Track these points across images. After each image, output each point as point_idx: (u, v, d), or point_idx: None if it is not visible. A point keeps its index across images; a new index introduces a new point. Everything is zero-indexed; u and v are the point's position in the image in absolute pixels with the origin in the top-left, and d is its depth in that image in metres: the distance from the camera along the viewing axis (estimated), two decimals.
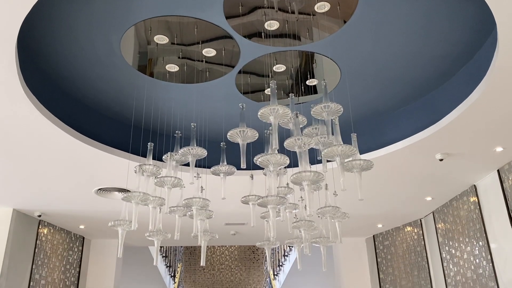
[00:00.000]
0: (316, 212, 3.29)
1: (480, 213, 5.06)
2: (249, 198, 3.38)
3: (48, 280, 6.10)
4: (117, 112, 4.34)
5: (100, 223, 6.31)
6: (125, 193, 2.87)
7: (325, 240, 3.49)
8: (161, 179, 2.95)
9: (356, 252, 7.49)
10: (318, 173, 2.49)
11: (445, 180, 5.08)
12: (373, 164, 2.65)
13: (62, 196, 5.25)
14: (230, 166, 3.22)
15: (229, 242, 8.39)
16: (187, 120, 4.42)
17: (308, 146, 2.61)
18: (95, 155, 4.20)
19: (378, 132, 4.56)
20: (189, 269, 13.51)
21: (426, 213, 6.28)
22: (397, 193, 5.46)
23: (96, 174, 4.66)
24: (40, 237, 6.03)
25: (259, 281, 13.55)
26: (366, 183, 5.01)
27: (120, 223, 3.04)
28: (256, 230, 6.82)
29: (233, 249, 13.99)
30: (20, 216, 5.68)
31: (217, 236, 3.48)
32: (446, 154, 4.41)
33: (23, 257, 5.69)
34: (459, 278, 5.45)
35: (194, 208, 3.10)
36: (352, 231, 7.15)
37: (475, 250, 5.15)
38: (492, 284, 4.83)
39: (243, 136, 2.71)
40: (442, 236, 5.87)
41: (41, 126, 3.66)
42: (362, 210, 6.04)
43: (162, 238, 3.29)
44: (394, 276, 6.79)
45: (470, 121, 3.83)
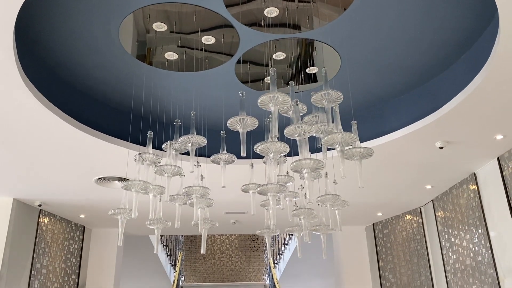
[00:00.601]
0: (316, 200, 3.29)
1: (479, 201, 5.07)
2: (249, 186, 3.38)
3: (49, 269, 6.13)
4: (116, 100, 4.32)
5: (101, 213, 6.33)
6: (125, 182, 2.87)
7: (325, 228, 3.50)
8: (161, 168, 2.95)
9: (355, 241, 7.52)
10: (318, 160, 2.49)
11: (445, 168, 5.09)
12: (373, 152, 2.65)
13: (62, 186, 5.25)
14: (230, 155, 3.22)
15: (229, 231, 8.42)
16: (186, 109, 4.40)
17: (308, 134, 2.61)
18: (94, 144, 4.20)
19: (378, 120, 4.55)
20: (190, 258, 13.58)
21: (426, 201, 6.29)
22: (396, 181, 5.46)
23: (95, 163, 4.66)
24: (41, 227, 6.05)
25: (259, 270, 13.63)
26: (366, 171, 5.01)
27: (120, 211, 3.04)
28: (256, 219, 6.84)
29: (234, 238, 14.05)
30: (20, 206, 5.69)
31: (217, 224, 3.49)
32: (446, 142, 4.40)
33: (24, 246, 5.71)
34: (458, 266, 5.48)
35: (194, 196, 3.10)
36: (352, 220, 7.17)
37: (474, 237, 5.17)
38: (491, 271, 4.85)
39: (243, 124, 2.71)
40: (442, 224, 5.89)
41: (39, 115, 3.65)
42: (361, 198, 6.06)
43: (163, 226, 3.30)
44: (393, 264, 6.83)
45: (470, 108, 3.82)
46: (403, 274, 6.63)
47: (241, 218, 7.03)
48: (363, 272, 7.34)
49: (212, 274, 13.48)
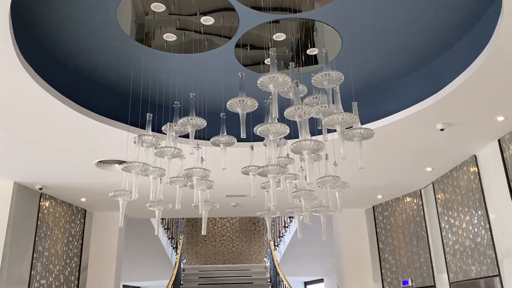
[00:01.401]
0: (316, 182, 3.28)
1: (479, 183, 5.07)
2: (249, 168, 3.38)
3: (51, 252, 6.17)
4: (115, 83, 4.30)
5: (101, 196, 6.34)
6: (125, 164, 2.87)
7: (325, 209, 3.50)
8: (161, 150, 2.94)
9: (355, 223, 7.56)
10: (318, 141, 2.48)
11: (445, 150, 5.08)
12: (373, 133, 2.63)
13: (62, 169, 5.26)
14: (230, 137, 3.21)
15: (230, 213, 8.46)
16: (186, 92, 4.38)
17: (308, 115, 2.59)
18: (93, 126, 4.19)
19: (379, 102, 4.53)
20: (191, 241, 13.69)
21: (426, 183, 6.30)
22: (397, 164, 5.46)
23: (95, 146, 4.66)
24: (42, 210, 6.07)
25: (260, 252, 13.74)
26: (366, 153, 5.01)
27: (120, 193, 3.04)
28: (257, 202, 6.85)
29: (234, 221, 14.14)
30: (21, 189, 5.70)
31: (218, 206, 3.50)
32: (447, 124, 4.39)
33: (26, 229, 5.74)
34: (458, 247, 5.51)
35: (194, 178, 3.10)
36: (352, 202, 7.19)
37: (474, 219, 5.19)
38: (490, 252, 4.88)
39: (242, 106, 2.69)
40: (442, 206, 5.91)
41: (38, 98, 3.63)
42: (361, 181, 6.06)
43: (163, 208, 3.31)
44: (393, 245, 6.87)
45: (471, 90, 3.79)
46: (402, 256, 6.68)
47: (242, 201, 7.05)
48: (363, 253, 7.39)
49: (213, 257, 13.60)
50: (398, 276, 6.70)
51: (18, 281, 5.52)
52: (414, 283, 6.40)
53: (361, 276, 7.28)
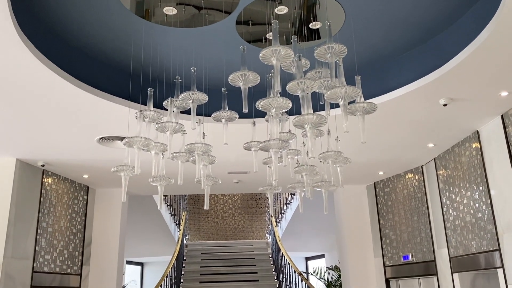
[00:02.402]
0: (318, 157, 3.28)
1: (481, 158, 5.07)
2: (251, 144, 3.38)
3: (55, 228, 6.23)
4: (116, 59, 4.26)
5: (104, 173, 6.37)
6: (127, 139, 2.86)
7: (327, 184, 3.51)
8: (163, 125, 2.93)
9: (356, 199, 7.59)
10: (321, 115, 2.46)
11: (448, 126, 5.06)
12: (376, 107, 2.62)
13: (64, 146, 5.26)
14: (232, 112, 3.19)
15: (232, 190, 8.50)
16: (186, 67, 4.34)
17: (311, 89, 2.57)
18: (94, 102, 4.17)
19: (382, 77, 4.49)
20: (194, 218, 13.81)
21: (428, 160, 6.30)
22: (399, 140, 5.45)
23: (96, 123, 4.65)
24: (45, 187, 6.11)
25: (261, 228, 13.87)
26: (368, 129, 4.99)
27: (123, 168, 3.05)
28: (259, 178, 6.86)
29: (236, 198, 14.23)
30: (23, 166, 5.72)
31: (220, 181, 3.50)
32: (450, 99, 4.36)
33: (29, 205, 5.79)
34: (458, 222, 5.54)
35: (196, 153, 3.10)
36: (353, 179, 7.21)
37: (475, 195, 5.21)
38: (490, 227, 4.91)
39: (244, 80, 2.67)
40: (443, 182, 5.92)
41: (38, 73, 3.61)
42: (363, 157, 6.06)
43: (166, 183, 3.32)
44: (394, 221, 6.92)
45: (476, 64, 3.75)
46: (403, 231, 6.73)
47: (244, 178, 7.07)
48: (364, 229, 7.45)
49: (215, 233, 13.74)
50: (399, 251, 6.77)
51: (23, 256, 5.59)
52: (415, 258, 6.46)
53: (361, 251, 7.36)
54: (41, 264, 5.90)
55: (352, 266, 7.32)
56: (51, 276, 6.08)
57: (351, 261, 7.34)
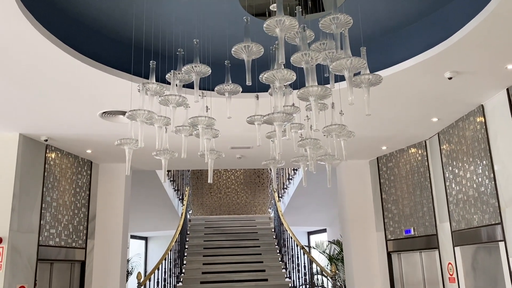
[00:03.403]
0: (322, 131, 3.27)
1: (486, 133, 5.05)
2: (255, 118, 3.36)
3: (59, 202, 6.28)
4: (117, 32, 4.20)
5: (107, 147, 6.38)
6: (130, 111, 2.84)
7: (331, 158, 3.51)
8: (166, 98, 2.91)
9: (359, 174, 7.61)
10: (326, 87, 2.43)
11: (452, 100, 5.02)
12: (381, 79, 2.58)
13: (66, 120, 5.25)
14: (235, 85, 3.17)
15: (235, 165, 8.52)
16: (189, 41, 4.28)
17: (315, 61, 2.54)
18: (96, 76, 4.14)
19: (386, 51, 4.43)
20: (197, 193, 13.91)
21: (431, 134, 6.28)
22: (403, 114, 5.42)
23: (99, 97, 4.62)
24: (48, 161, 6.13)
25: (264, 203, 13.97)
26: (372, 103, 4.95)
27: (126, 141, 3.04)
28: (262, 153, 6.87)
29: (239, 173, 14.29)
30: (26, 141, 5.73)
31: (224, 155, 3.50)
32: (456, 72, 4.31)
33: (33, 180, 5.82)
34: (461, 196, 5.56)
35: (200, 126, 3.09)
36: (356, 154, 7.21)
37: (478, 169, 5.20)
38: (493, 201, 4.93)
39: (248, 52, 2.63)
40: (446, 157, 5.91)
41: (40, 46, 3.57)
42: (367, 132, 6.04)
43: (169, 157, 3.32)
44: (396, 196, 6.94)
45: (482, 37, 3.69)
46: (405, 206, 6.76)
47: (247, 153, 7.08)
48: (366, 204, 7.48)
49: (218, 208, 13.86)
50: (401, 225, 6.81)
51: (29, 230, 5.65)
52: (416, 232, 6.51)
53: (363, 225, 7.41)
54: (47, 238, 5.97)
55: (354, 240, 7.38)
56: (57, 249, 6.16)
57: (353, 235, 7.40)
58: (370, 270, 7.26)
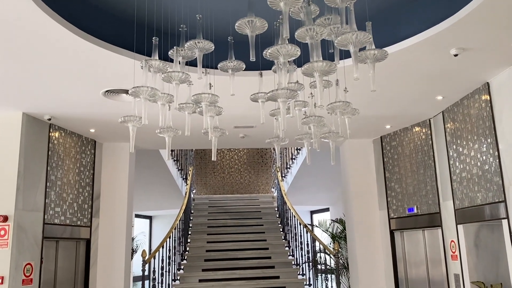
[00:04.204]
0: (326, 108, 3.25)
1: (491, 110, 5.01)
2: (258, 95, 3.34)
3: (64, 181, 6.32)
4: (119, 8, 4.15)
5: (110, 127, 6.38)
6: (133, 88, 2.83)
7: (335, 135, 3.50)
8: (169, 74, 2.89)
9: (363, 153, 7.60)
10: (330, 63, 2.41)
11: (457, 77, 4.97)
12: (387, 54, 2.55)
13: (69, 99, 5.24)
14: (239, 62, 3.14)
15: (238, 145, 8.53)
16: (191, 18, 4.23)
17: (320, 36, 2.50)
18: (99, 54, 4.11)
19: (391, 27, 4.37)
20: (200, 173, 13.96)
21: (436, 113, 6.24)
22: (407, 92, 5.38)
23: (101, 75, 4.60)
24: (52, 140, 6.14)
25: (267, 183, 14.03)
26: (377, 81, 4.90)
27: (130, 119, 3.03)
28: (265, 133, 6.86)
29: (242, 153, 14.31)
30: (30, 120, 5.73)
31: (227, 133, 3.49)
32: (461, 49, 4.25)
33: (38, 159, 5.84)
34: (465, 175, 5.55)
35: (203, 103, 3.07)
36: (360, 133, 7.19)
37: (482, 147, 5.19)
38: (497, 179, 4.92)
39: (251, 27, 2.59)
40: (451, 135, 5.89)
41: (42, 24, 3.54)
42: (371, 110, 6.01)
43: (173, 134, 3.31)
44: (400, 175, 6.95)
45: (489, 12, 3.63)
46: (409, 184, 6.77)
47: (250, 132, 7.07)
48: (369, 183, 7.50)
49: (222, 188, 13.92)
50: (404, 203, 6.83)
51: (34, 209, 5.70)
52: (420, 210, 6.54)
53: (366, 204, 7.44)
54: (52, 216, 6.02)
55: (357, 218, 7.42)
56: (62, 227, 6.22)
57: (356, 214, 7.44)
58: (373, 248, 7.31)
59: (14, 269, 5.29)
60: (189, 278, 8.21)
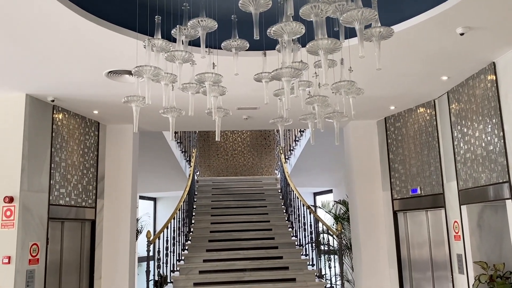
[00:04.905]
0: (330, 87, 3.22)
1: (496, 91, 4.97)
2: (262, 75, 3.32)
3: (68, 163, 6.34)
4: None
5: (114, 108, 6.37)
6: (136, 67, 2.81)
7: (339, 115, 3.48)
8: (172, 53, 2.87)
9: (367, 134, 7.58)
10: (336, 40, 2.38)
11: (463, 57, 4.92)
12: (393, 32, 2.52)
13: (72, 80, 5.22)
14: (242, 40, 3.10)
15: (241, 127, 8.51)
16: None
17: (325, 13, 2.46)
18: (101, 34, 4.07)
19: (397, 6, 4.31)
20: (204, 155, 13.99)
21: (441, 93, 6.19)
22: (412, 72, 5.33)
23: (104, 56, 4.57)
24: (56, 122, 6.14)
25: (270, 165, 14.05)
26: (382, 61, 4.86)
27: (133, 98, 3.02)
28: (269, 114, 6.84)
29: (245, 136, 14.31)
30: (33, 101, 5.73)
31: (231, 113, 3.48)
32: (468, 28, 4.19)
33: (42, 141, 5.85)
34: (469, 155, 5.54)
35: (207, 83, 3.05)
36: (364, 114, 7.16)
37: (487, 128, 5.16)
38: (501, 160, 4.91)
39: (255, 4, 2.56)
40: (455, 116, 5.85)
41: (43, 3, 3.50)
42: (375, 91, 5.97)
43: (177, 115, 3.30)
44: (403, 156, 6.94)
45: None
46: (412, 166, 6.77)
47: (253, 114, 7.05)
48: (373, 164, 7.50)
49: (225, 170, 13.96)
50: (407, 185, 6.84)
51: (39, 190, 5.73)
52: (423, 191, 6.54)
53: (370, 185, 7.45)
54: (57, 197, 6.07)
55: (360, 199, 7.44)
56: (67, 208, 6.27)
57: (359, 195, 7.45)
58: (376, 229, 7.35)
59: (21, 249, 5.35)
60: (194, 258, 8.29)
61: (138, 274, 9.60)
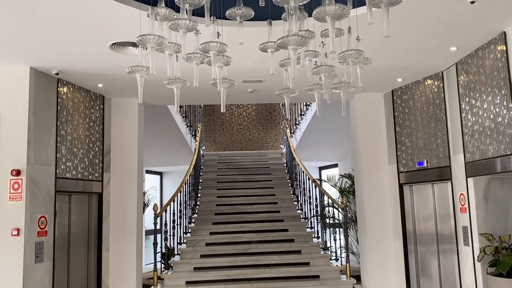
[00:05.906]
0: (337, 57, 3.16)
1: (506, 61, 4.88)
2: (268, 45, 3.25)
3: (74, 136, 6.35)
4: None
5: (118, 82, 6.33)
6: (140, 36, 2.76)
7: (346, 85, 3.43)
8: (176, 22, 2.81)
9: (373, 107, 7.52)
10: (343, 6, 2.32)
11: (473, 26, 4.81)
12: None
13: (76, 52, 5.18)
14: (247, 8, 3.04)
15: (246, 100, 8.46)
16: None
17: None
18: (104, 4, 4.01)
19: None
20: (209, 130, 13.98)
21: (449, 65, 6.09)
22: (421, 42, 5.23)
23: (107, 27, 4.51)
24: (61, 95, 6.12)
25: (276, 140, 14.03)
26: (391, 30, 4.76)
27: (137, 69, 2.99)
28: (274, 87, 6.78)
29: (251, 110, 14.25)
30: (38, 74, 5.70)
31: (236, 84, 3.44)
32: None
33: (47, 114, 5.85)
34: (477, 128, 5.48)
35: (211, 53, 3.00)
36: (371, 86, 7.08)
37: (496, 99, 5.08)
38: (510, 131, 4.85)
39: None
40: (464, 88, 5.77)
41: None
42: (383, 62, 5.87)
43: (181, 86, 3.27)
44: (410, 128, 6.88)
45: None
46: (419, 138, 6.72)
47: (259, 87, 6.99)
48: (379, 137, 7.46)
49: (231, 144, 13.97)
50: (414, 157, 6.81)
51: (45, 163, 5.76)
52: (430, 164, 6.51)
53: (376, 158, 7.43)
54: (63, 171, 6.10)
55: (366, 172, 7.43)
56: (74, 182, 6.31)
57: (365, 168, 7.44)
58: (381, 202, 7.36)
59: (29, 221, 5.41)
60: (200, 231, 8.38)
61: (145, 247, 9.73)
